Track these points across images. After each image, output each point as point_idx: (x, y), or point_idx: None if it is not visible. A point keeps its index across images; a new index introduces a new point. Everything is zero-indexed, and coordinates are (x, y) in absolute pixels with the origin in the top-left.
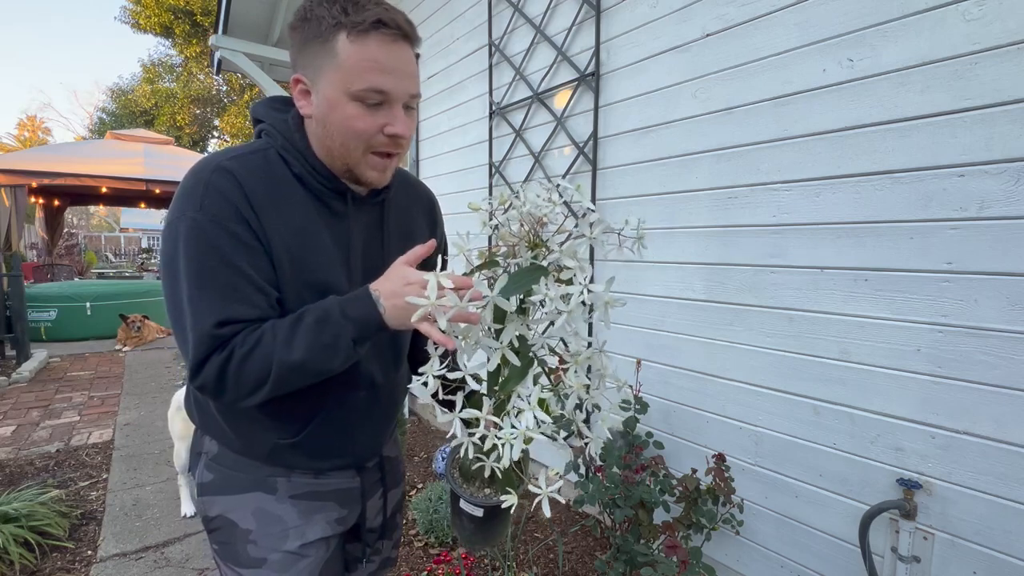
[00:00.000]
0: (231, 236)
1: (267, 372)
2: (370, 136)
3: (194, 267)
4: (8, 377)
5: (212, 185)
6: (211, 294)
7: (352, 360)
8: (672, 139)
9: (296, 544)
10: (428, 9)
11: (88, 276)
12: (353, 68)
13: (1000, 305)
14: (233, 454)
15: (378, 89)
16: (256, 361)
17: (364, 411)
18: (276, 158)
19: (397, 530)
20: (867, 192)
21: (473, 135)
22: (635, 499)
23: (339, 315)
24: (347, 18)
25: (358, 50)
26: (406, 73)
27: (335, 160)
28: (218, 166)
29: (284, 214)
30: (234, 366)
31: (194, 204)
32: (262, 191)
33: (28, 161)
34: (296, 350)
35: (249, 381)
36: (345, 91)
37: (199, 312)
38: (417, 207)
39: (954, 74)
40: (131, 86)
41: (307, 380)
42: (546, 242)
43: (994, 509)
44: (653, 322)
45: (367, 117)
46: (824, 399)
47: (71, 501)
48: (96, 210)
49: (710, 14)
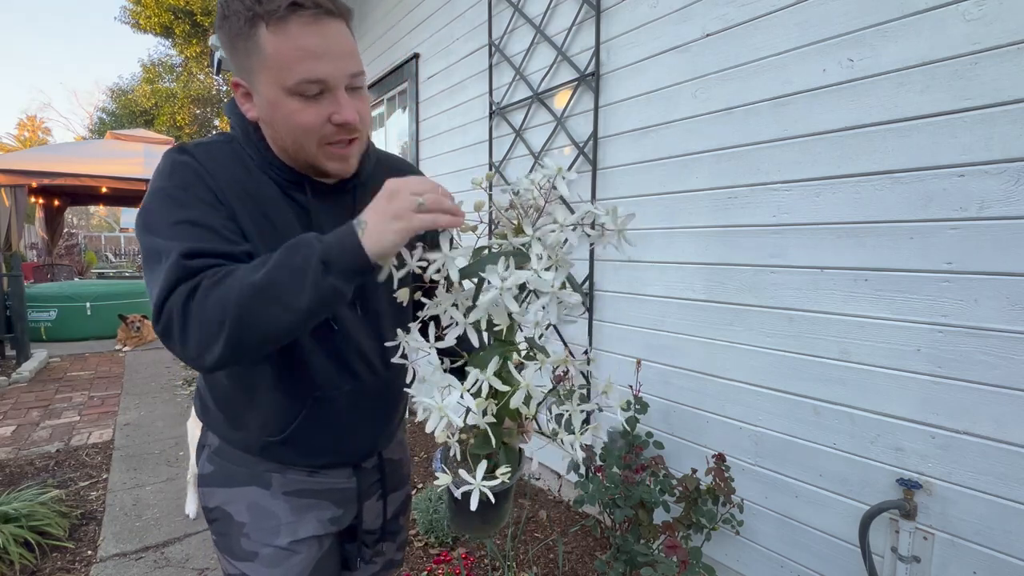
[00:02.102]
0: (198, 199)
1: (229, 300)
2: (318, 129)
3: (165, 219)
4: (8, 377)
5: (177, 163)
6: (182, 233)
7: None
8: (672, 139)
9: (287, 540)
10: (428, 9)
11: (88, 276)
12: (281, 61)
13: (1000, 305)
14: (231, 448)
15: (312, 79)
16: (220, 291)
17: (351, 408)
18: (240, 150)
19: (401, 532)
20: (867, 192)
21: (473, 135)
22: (635, 499)
23: (313, 238)
24: (261, 7)
25: (281, 40)
26: (339, 53)
27: (295, 158)
28: (183, 148)
29: (254, 200)
30: (198, 297)
31: (162, 179)
32: (227, 176)
33: (28, 161)
34: (260, 271)
35: (212, 316)
36: (280, 87)
37: (169, 250)
38: None
39: (954, 74)
40: (131, 86)
41: (273, 318)
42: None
43: (994, 509)
44: (653, 322)
45: (310, 110)
46: (824, 399)
47: (71, 501)
48: (96, 210)
49: (710, 14)
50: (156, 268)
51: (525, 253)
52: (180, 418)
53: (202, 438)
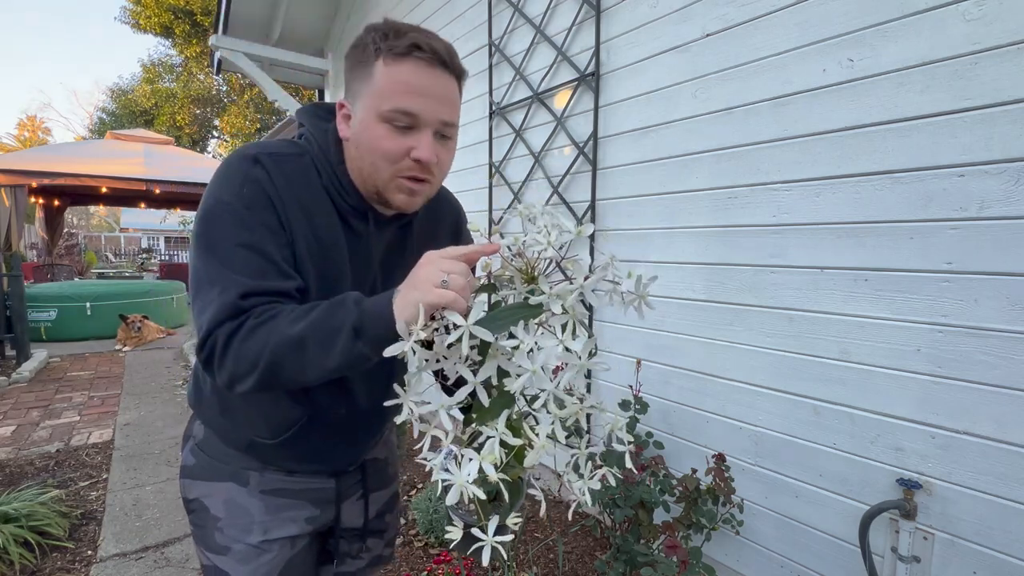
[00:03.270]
0: (263, 224)
1: (266, 347)
2: (396, 158)
3: (228, 244)
4: (8, 377)
5: (251, 176)
6: (239, 271)
7: (355, 361)
8: (672, 139)
9: (258, 539)
10: (428, 9)
11: (88, 276)
12: (385, 90)
13: (1000, 305)
14: (217, 442)
15: (405, 111)
16: (261, 334)
17: (344, 430)
18: (310, 165)
19: (388, 530)
20: (867, 192)
21: (473, 135)
22: (635, 499)
23: (352, 302)
24: (386, 43)
25: (391, 72)
26: (438, 98)
27: (366, 182)
28: (256, 158)
29: (309, 220)
30: (241, 335)
31: (230, 190)
32: (292, 193)
33: (28, 161)
34: (299, 324)
35: (249, 355)
36: (376, 112)
37: (227, 286)
38: (444, 225)
39: (954, 74)
40: (131, 86)
41: (302, 368)
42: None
43: (994, 509)
44: (653, 322)
45: (394, 139)
46: (824, 399)
47: (71, 501)
48: (96, 210)
49: (710, 14)
50: (208, 292)
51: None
52: (180, 418)
53: (188, 429)
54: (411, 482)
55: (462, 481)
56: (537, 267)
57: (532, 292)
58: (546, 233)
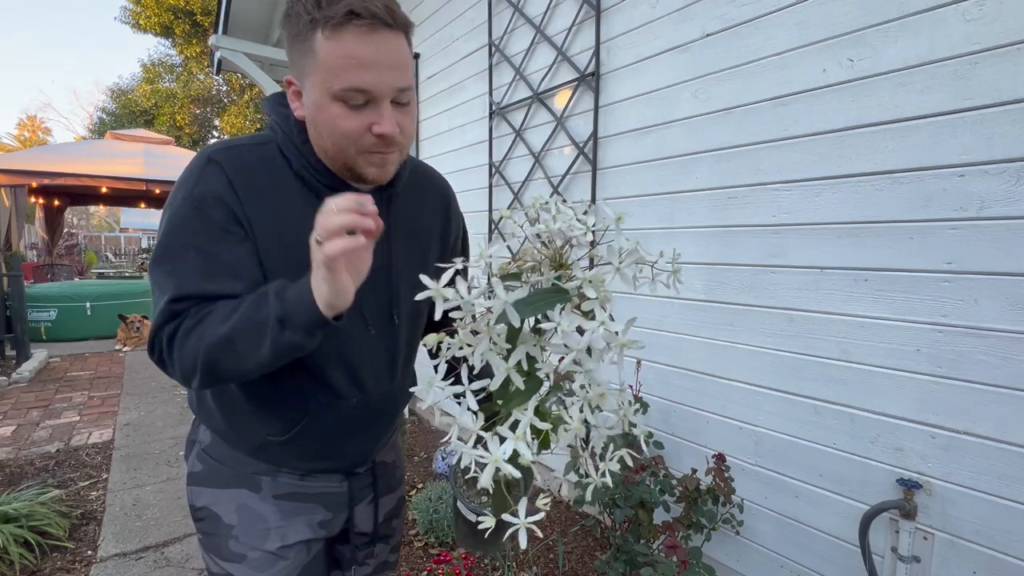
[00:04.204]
0: (210, 221)
1: (199, 347)
2: (357, 136)
3: (169, 244)
4: (8, 377)
5: (203, 175)
6: (179, 272)
7: (288, 350)
8: (672, 139)
9: (276, 545)
10: (428, 9)
11: (88, 276)
12: (332, 67)
13: (1000, 305)
14: (224, 446)
15: (357, 88)
16: (194, 337)
17: (355, 419)
18: (277, 153)
19: (395, 535)
20: (867, 192)
21: (473, 135)
22: (635, 499)
23: (273, 294)
24: (320, 12)
25: (334, 47)
26: (389, 65)
27: (334, 160)
28: (210, 157)
29: (277, 207)
30: (179, 338)
31: (183, 192)
32: (254, 183)
33: (28, 161)
34: (226, 324)
35: (188, 356)
36: (327, 91)
37: (164, 287)
38: (430, 201)
39: (954, 74)
40: (131, 86)
41: (238, 364)
42: (571, 264)
43: (994, 509)
44: (653, 322)
45: (352, 117)
46: (824, 399)
47: (71, 501)
48: (96, 210)
49: (710, 14)
50: (157, 295)
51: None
52: (180, 418)
53: (192, 433)
54: (411, 482)
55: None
56: (565, 254)
57: (560, 279)
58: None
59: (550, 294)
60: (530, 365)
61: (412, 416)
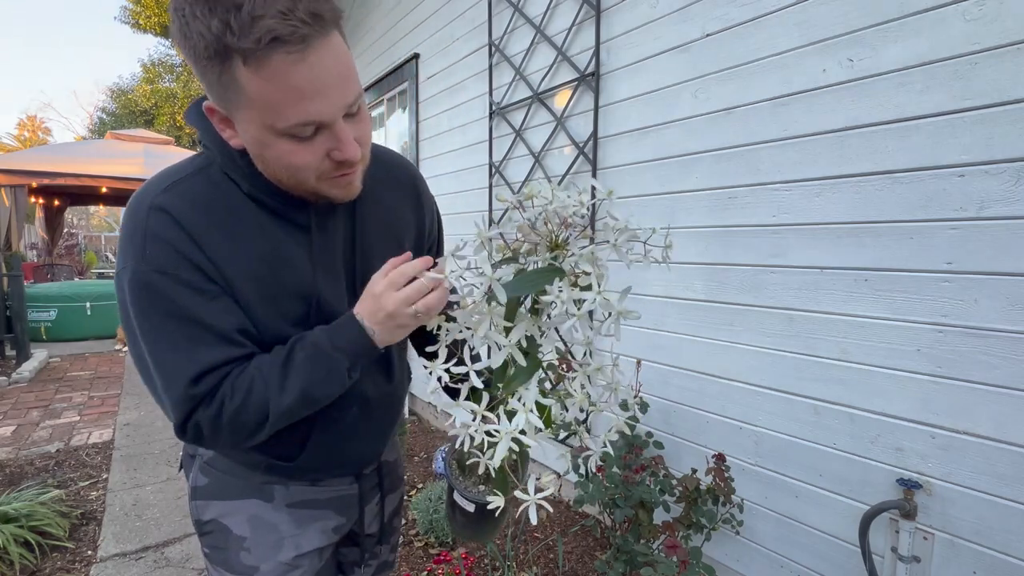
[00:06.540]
0: (183, 285)
1: (264, 418)
2: (316, 166)
3: (150, 325)
4: (8, 377)
5: (151, 231)
6: (175, 352)
7: (350, 383)
8: (672, 139)
9: (291, 555)
10: (428, 9)
11: (88, 276)
12: (268, 104)
13: (1000, 305)
14: (228, 459)
15: (306, 122)
16: (251, 411)
17: (359, 425)
18: (222, 177)
19: (395, 534)
20: (867, 192)
21: (473, 135)
22: (635, 499)
23: (329, 347)
24: (236, 41)
25: (265, 81)
26: (334, 84)
27: (293, 189)
28: (152, 205)
29: (240, 242)
30: (227, 418)
31: (136, 254)
32: (208, 222)
33: (28, 161)
34: (290, 392)
35: (246, 430)
36: (270, 129)
37: (168, 374)
38: (398, 191)
39: (954, 74)
40: (131, 86)
41: (308, 412)
42: (566, 243)
43: (994, 509)
44: (653, 322)
45: (305, 150)
46: (824, 399)
47: (71, 501)
48: (96, 210)
49: (710, 14)
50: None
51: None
52: None
53: (189, 447)
54: (411, 482)
55: (511, 430)
56: (560, 234)
57: (556, 258)
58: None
59: (545, 273)
60: (529, 345)
61: (412, 416)
